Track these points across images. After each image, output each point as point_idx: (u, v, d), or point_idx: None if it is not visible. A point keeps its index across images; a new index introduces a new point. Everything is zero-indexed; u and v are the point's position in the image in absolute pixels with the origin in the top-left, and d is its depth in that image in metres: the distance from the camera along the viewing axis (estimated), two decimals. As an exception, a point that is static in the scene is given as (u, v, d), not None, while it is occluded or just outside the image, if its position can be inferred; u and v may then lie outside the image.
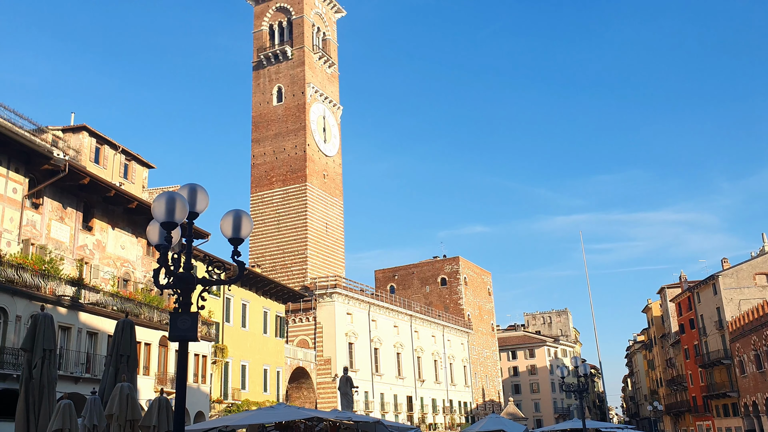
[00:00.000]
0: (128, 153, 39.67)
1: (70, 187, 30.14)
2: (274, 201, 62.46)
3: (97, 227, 32.36)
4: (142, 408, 12.05)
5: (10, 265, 24.39)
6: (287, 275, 58.86)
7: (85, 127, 36.73)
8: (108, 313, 29.22)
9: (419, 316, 69.10)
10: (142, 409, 10.73)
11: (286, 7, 67.28)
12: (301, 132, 63.29)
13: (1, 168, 27.16)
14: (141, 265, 35.23)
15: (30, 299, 25.28)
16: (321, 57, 67.51)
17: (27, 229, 27.97)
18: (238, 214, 9.11)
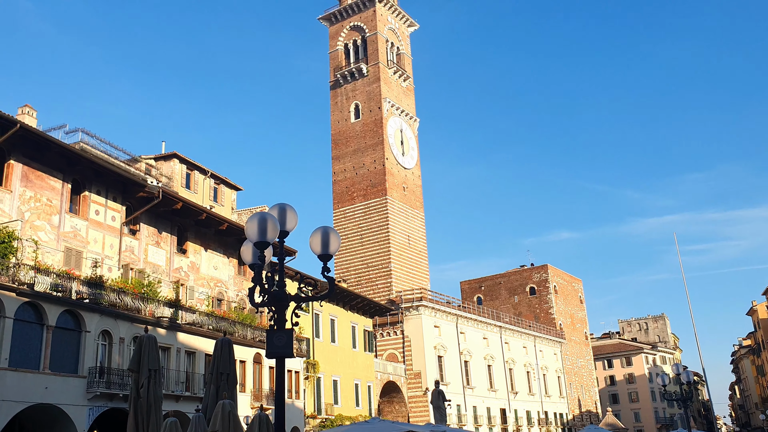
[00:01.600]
0: (217, 177, 41.12)
1: (164, 212, 31.47)
2: (356, 216, 63.10)
3: (190, 250, 33.61)
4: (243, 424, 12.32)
5: (112, 289, 25.63)
6: (372, 289, 59.20)
7: (176, 154, 38.36)
8: (204, 333, 30.20)
9: (509, 327, 67.86)
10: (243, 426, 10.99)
11: (359, 25, 68.24)
12: (380, 146, 63.79)
13: (101, 198, 28.69)
14: (233, 284, 36.29)
15: (131, 322, 26.47)
16: (396, 71, 67.98)
17: (126, 254, 29.38)
18: (326, 231, 9.19)
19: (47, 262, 24.40)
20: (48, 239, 25.64)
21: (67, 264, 25.88)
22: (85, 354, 24.13)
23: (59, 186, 26.79)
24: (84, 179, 28.00)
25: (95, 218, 28.17)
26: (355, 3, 68.32)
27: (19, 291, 21.92)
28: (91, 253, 27.39)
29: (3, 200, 24.29)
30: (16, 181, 24.99)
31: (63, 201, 26.83)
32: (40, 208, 25.70)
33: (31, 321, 22.57)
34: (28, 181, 25.50)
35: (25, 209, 25.05)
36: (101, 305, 24.88)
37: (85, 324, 24.30)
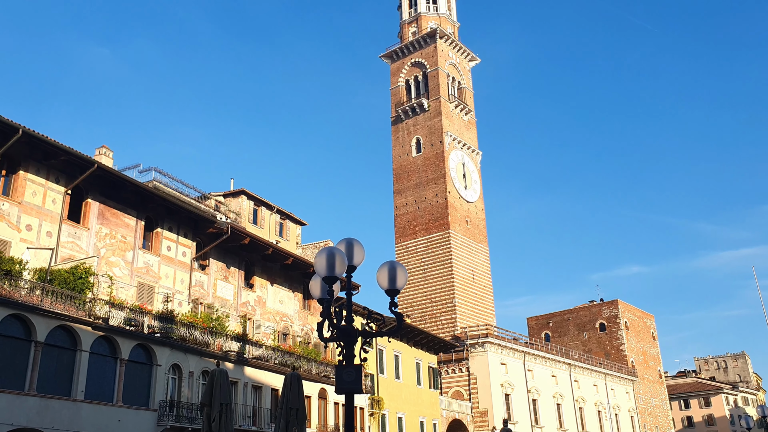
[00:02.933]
0: (282, 212, 41.86)
1: (233, 247, 32.13)
2: (419, 250, 62.89)
3: (257, 284, 34.12)
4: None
5: (182, 324, 26.18)
6: (436, 325, 58.55)
7: (243, 191, 39.34)
8: (270, 367, 30.39)
9: (578, 364, 65.73)
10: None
11: (421, 61, 68.97)
12: (441, 180, 63.71)
13: (172, 234, 29.56)
14: (298, 318, 36.56)
15: (200, 356, 26.91)
16: (457, 105, 68.15)
17: (195, 289, 30.05)
18: (393, 266, 9.12)
19: (121, 297, 25.18)
20: (122, 274, 26.50)
21: (140, 299, 26.65)
22: (156, 387, 24.61)
23: (133, 223, 27.77)
24: (157, 216, 28.94)
25: (167, 254, 29.00)
26: (416, 40, 69.20)
27: (95, 325, 22.64)
28: (162, 288, 28.15)
29: (81, 237, 25.31)
30: (93, 219, 26.04)
31: (137, 237, 27.76)
32: (115, 244, 26.65)
33: (105, 354, 23.23)
34: (105, 218, 26.53)
35: (101, 246, 26.02)
36: (172, 339, 25.42)
37: (156, 358, 24.85)
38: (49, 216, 24.24)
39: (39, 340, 20.86)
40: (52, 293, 21.62)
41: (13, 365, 20.24)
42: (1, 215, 22.67)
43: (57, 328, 21.55)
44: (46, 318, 21.14)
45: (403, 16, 73.11)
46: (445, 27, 70.82)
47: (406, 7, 73.12)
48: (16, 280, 20.79)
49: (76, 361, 22.04)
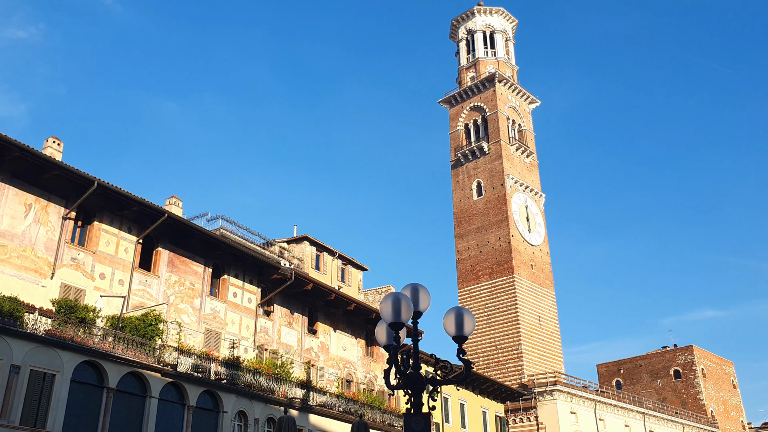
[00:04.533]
0: (344, 258, 42.10)
1: (296, 293, 32.39)
2: (482, 295, 61.91)
3: (320, 330, 34.17)
4: None
5: (248, 370, 26.35)
6: (502, 372, 57.11)
7: (306, 237, 39.84)
8: (335, 415, 30.13)
9: (653, 413, 62.67)
10: None
11: (480, 105, 69.18)
12: (504, 223, 62.98)
13: (238, 280, 30.06)
14: (361, 365, 36.30)
15: (265, 402, 26.94)
16: (518, 148, 67.75)
17: (261, 335, 30.31)
18: (460, 312, 8.93)
19: (189, 343, 25.60)
20: (190, 321, 27.01)
21: (207, 345, 27.04)
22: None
23: (201, 270, 28.40)
24: (223, 263, 29.54)
25: (233, 300, 29.45)
26: (475, 84, 69.60)
27: (164, 372, 23.03)
28: (228, 334, 28.52)
29: (151, 285, 26.02)
30: (162, 267, 26.78)
31: (204, 284, 28.35)
32: (184, 291, 27.26)
33: (173, 401, 23.53)
34: (174, 266, 27.25)
35: (171, 293, 26.66)
36: (238, 386, 25.58)
37: (222, 404, 25.02)
38: (121, 264, 25.06)
39: (111, 386, 21.34)
40: (124, 340, 22.18)
41: (86, 411, 20.72)
42: (77, 265, 23.58)
43: (128, 375, 22.02)
44: (117, 364, 21.65)
45: (461, 62, 73.81)
46: (504, 71, 71.04)
47: (464, 52, 73.86)
48: (90, 327, 21.46)
49: (146, 408, 22.39)
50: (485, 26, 72.73)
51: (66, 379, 20.17)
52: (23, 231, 22.17)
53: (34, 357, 19.50)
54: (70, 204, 23.69)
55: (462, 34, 74.14)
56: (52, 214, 23.25)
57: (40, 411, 19.42)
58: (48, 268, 22.52)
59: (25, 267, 21.87)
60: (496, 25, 72.83)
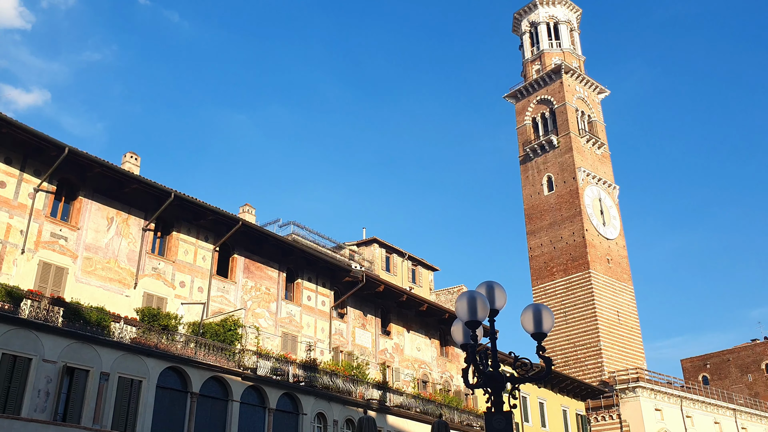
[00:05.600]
0: (414, 259, 42.07)
1: (368, 295, 32.57)
2: (557, 292, 60.62)
3: (394, 331, 34.24)
4: None
5: (325, 372, 26.66)
6: (581, 370, 55.73)
7: (375, 239, 40.04)
8: (412, 415, 30.11)
9: (746, 410, 59.74)
10: None
11: (547, 98, 67.85)
12: (577, 218, 61.49)
13: (311, 284, 30.48)
14: (436, 366, 36.15)
15: (343, 404, 27.18)
16: (589, 140, 66.06)
17: (335, 337, 30.63)
18: (537, 309, 8.76)
19: (267, 347, 26.13)
20: (267, 325, 27.57)
21: (284, 348, 27.53)
22: (302, 436, 25.06)
23: (276, 275, 28.95)
24: (297, 268, 30.02)
25: (307, 303, 29.89)
26: (541, 77, 68.31)
27: (244, 375, 23.57)
28: (304, 337, 28.95)
29: (229, 291, 26.71)
30: (239, 273, 27.44)
31: (279, 289, 28.88)
32: (260, 296, 27.85)
33: (254, 404, 24.05)
34: (250, 272, 27.88)
35: (248, 298, 27.29)
36: (316, 388, 25.92)
37: (302, 406, 25.40)
38: (200, 272, 25.83)
39: (194, 391, 22.00)
40: (205, 346, 22.83)
41: (172, 415, 21.43)
42: (158, 274, 24.44)
43: (210, 379, 22.65)
44: (200, 369, 22.30)
45: (525, 55, 72.60)
46: (570, 61, 69.42)
47: (527, 45, 72.63)
48: (172, 334, 22.19)
49: (228, 411, 22.97)
50: (548, 17, 71.27)
51: (152, 385, 20.92)
52: (107, 243, 23.16)
53: (121, 364, 20.31)
54: (150, 216, 24.59)
55: (525, 26, 72.90)
56: (132, 226, 24.19)
57: (129, 416, 20.20)
58: (131, 279, 23.44)
59: (109, 278, 22.82)
60: (560, 16, 71.25)
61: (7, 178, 21.04)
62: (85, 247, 22.50)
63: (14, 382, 17.94)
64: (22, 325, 18.28)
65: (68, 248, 21.98)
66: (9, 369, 17.92)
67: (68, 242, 22.04)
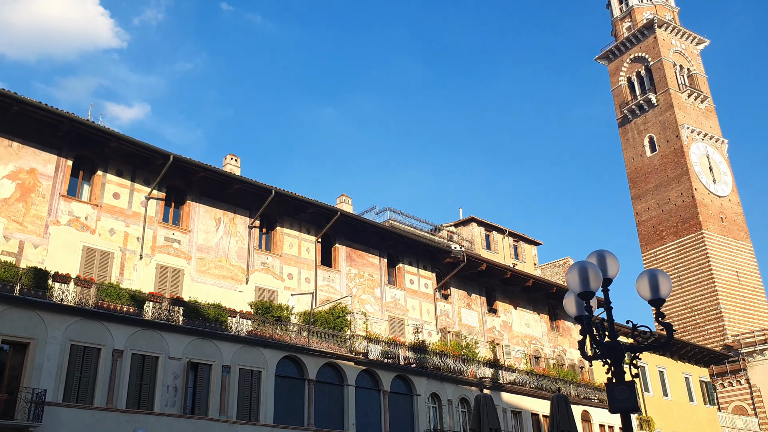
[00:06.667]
0: (515, 235, 41.38)
1: (471, 275, 32.39)
2: (669, 256, 57.97)
3: (500, 309, 33.92)
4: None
5: (434, 353, 26.82)
6: (701, 335, 53.16)
7: (473, 218, 39.65)
8: (526, 392, 29.80)
9: None
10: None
11: (641, 56, 64.69)
12: (684, 177, 58.45)
13: (413, 267, 30.64)
14: (547, 340, 35.54)
15: (456, 383, 27.25)
16: (690, 94, 62.47)
17: (441, 318, 30.70)
18: (653, 274, 8.42)
19: (375, 332, 26.56)
20: (373, 310, 28.01)
21: (392, 332, 27.89)
22: (419, 417, 25.37)
23: (377, 261, 29.32)
24: (397, 252, 30.27)
25: (410, 287, 30.10)
26: (633, 35, 65.17)
27: (357, 360, 24.09)
28: (411, 319, 29.20)
29: (334, 280, 27.31)
30: (342, 262, 28.00)
31: (382, 274, 29.24)
32: (364, 283, 28.31)
33: (369, 387, 24.55)
34: (352, 260, 28.38)
35: (352, 285, 27.81)
36: (427, 369, 26.12)
37: (415, 388, 25.68)
38: (305, 264, 26.56)
39: (311, 378, 22.70)
40: (317, 333, 23.50)
41: (292, 402, 22.23)
42: (267, 268, 25.33)
43: (324, 366, 23.30)
44: (314, 357, 22.98)
45: (614, 14, 69.42)
46: (663, 14, 65.76)
47: (615, 3, 69.40)
48: (285, 324, 22.98)
49: (344, 396, 23.57)
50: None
51: (271, 375, 21.76)
52: (217, 243, 24.22)
53: (241, 356, 21.25)
54: (254, 213, 25.48)
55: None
56: (239, 224, 25.16)
57: (252, 405, 21.13)
58: (242, 275, 24.42)
59: (222, 276, 23.88)
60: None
61: (120, 189, 22.39)
62: (198, 248, 23.62)
63: (145, 380, 19.16)
64: (147, 326, 19.46)
65: (182, 251, 23.17)
66: (139, 368, 19.16)
67: (181, 245, 23.22)
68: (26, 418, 16.03)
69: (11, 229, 19.44)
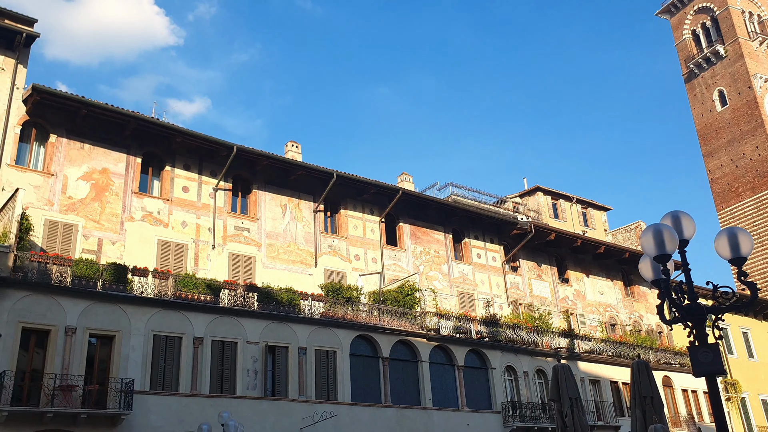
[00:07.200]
0: (583, 201, 40.47)
1: (539, 245, 31.92)
2: (747, 214, 55.50)
3: (572, 278, 33.33)
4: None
5: (507, 326, 26.66)
6: (787, 293, 50.81)
7: (539, 187, 38.96)
8: (604, 360, 29.31)
9: None
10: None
11: (706, 6, 61.65)
12: (759, 130, 55.64)
13: (479, 242, 30.42)
14: (623, 307, 34.77)
15: (531, 355, 27.05)
16: (762, 42, 59.20)
17: (512, 291, 30.43)
18: (732, 232, 8.08)
19: (445, 308, 26.58)
20: (442, 287, 28.01)
21: (462, 307, 27.84)
22: (495, 390, 25.34)
23: (442, 238, 29.25)
24: (462, 227, 30.10)
25: (478, 261, 29.92)
26: (695, -17, 62.09)
27: (429, 336, 24.21)
28: (480, 294, 29.06)
29: (400, 258, 27.42)
30: (407, 240, 28.06)
31: (448, 250, 29.17)
32: (430, 260, 28.31)
33: (442, 363, 24.66)
34: (417, 237, 28.40)
35: (419, 263, 27.86)
36: (500, 342, 26.02)
37: (489, 361, 25.63)
38: (371, 244, 26.75)
39: (385, 355, 22.97)
40: (387, 312, 23.71)
41: (368, 380, 22.56)
42: (334, 251, 25.66)
43: (397, 343, 23.52)
44: (386, 335, 23.22)
45: (673, -36, 66.27)
46: (727, -41, 62.33)
47: (674, -48, 66.22)
48: (356, 305, 23.28)
49: (419, 372, 23.76)
50: None
51: (345, 354, 22.13)
52: (284, 229, 24.67)
53: (315, 338, 21.67)
54: (317, 198, 25.80)
55: (668, -68, 66.41)
56: (304, 210, 25.53)
57: (330, 385, 21.57)
58: (311, 258, 24.82)
59: (292, 260, 24.34)
60: None
61: (188, 183, 23.04)
62: (266, 235, 24.13)
63: (225, 365, 19.81)
64: (224, 313, 20.07)
65: (252, 238, 23.71)
66: (219, 354, 19.81)
67: (251, 233, 23.76)
68: (117, 406, 16.84)
69: (89, 227, 20.31)
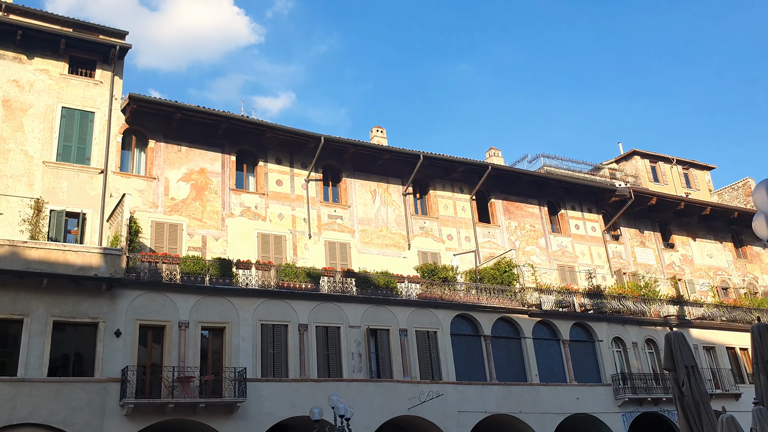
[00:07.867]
0: (684, 162, 38.52)
1: (640, 211, 30.69)
2: None
3: (677, 242, 31.88)
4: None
5: (612, 296, 25.84)
6: None
7: (635, 151, 37.37)
8: (718, 325, 27.91)
9: None
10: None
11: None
12: None
13: (576, 212, 29.57)
14: (734, 269, 32.95)
15: (639, 325, 26.11)
16: None
17: (614, 260, 29.43)
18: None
19: (545, 282, 26.05)
20: (540, 261, 27.46)
21: (563, 280, 27.20)
22: (603, 362, 24.66)
23: (537, 211, 28.63)
24: (557, 199, 29.35)
25: (576, 232, 29.11)
26: None
27: (530, 312, 23.82)
28: (581, 265, 28.28)
29: (494, 235, 27.08)
30: (500, 216, 27.66)
31: (544, 223, 28.53)
32: (526, 234, 27.79)
33: (547, 338, 24.21)
34: (510, 213, 27.94)
35: (514, 238, 27.41)
36: (605, 313, 25.26)
37: (595, 334, 24.95)
38: (463, 223, 26.57)
39: (486, 333, 22.82)
40: (485, 290, 23.51)
41: (471, 359, 22.49)
42: (426, 232, 25.66)
43: (498, 321, 23.29)
44: (486, 313, 23.04)
45: None
46: None
47: None
48: (452, 284, 23.21)
49: (523, 348, 23.44)
50: None
51: (446, 334, 22.13)
52: (375, 214, 24.91)
53: (415, 319, 21.80)
54: (405, 181, 25.85)
55: None
56: (393, 193, 25.66)
57: (433, 365, 21.66)
58: (403, 241, 24.95)
59: (385, 244, 24.56)
60: None
61: (282, 176, 23.65)
62: (359, 221, 24.45)
63: (330, 349, 20.27)
64: (326, 300, 20.52)
65: (345, 225, 24.10)
66: (324, 339, 20.29)
67: (344, 220, 24.14)
68: (233, 394, 17.61)
69: (193, 226, 21.26)
